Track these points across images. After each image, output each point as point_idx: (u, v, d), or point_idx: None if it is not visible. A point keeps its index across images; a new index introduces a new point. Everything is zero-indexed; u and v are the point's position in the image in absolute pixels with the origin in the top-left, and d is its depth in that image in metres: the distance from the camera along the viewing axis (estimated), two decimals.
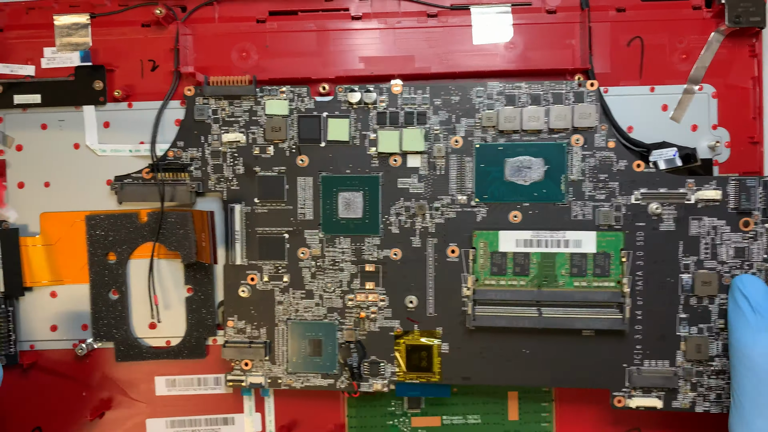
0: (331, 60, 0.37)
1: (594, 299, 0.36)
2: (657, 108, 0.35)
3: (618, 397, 0.36)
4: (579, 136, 0.36)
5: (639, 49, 0.35)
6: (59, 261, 0.38)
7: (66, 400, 0.39)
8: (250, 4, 0.38)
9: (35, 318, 0.39)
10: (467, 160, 0.36)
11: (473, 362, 0.37)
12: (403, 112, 0.37)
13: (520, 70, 0.36)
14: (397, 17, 0.37)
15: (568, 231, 0.36)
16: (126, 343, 0.39)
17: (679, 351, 0.36)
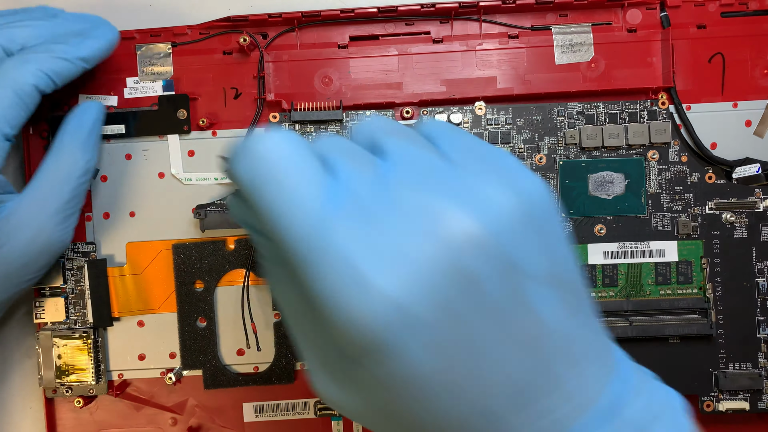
0: (413, 83, 0.39)
1: (679, 306, 0.38)
2: (740, 124, 0.39)
3: (707, 402, 0.38)
4: (655, 152, 0.39)
5: (720, 65, 0.38)
6: (146, 290, 0.40)
7: (155, 428, 0.40)
8: (330, 29, 0.40)
9: (123, 347, 0.40)
10: (551, 176, 0.39)
11: None
12: (487, 132, 0.39)
13: (603, 89, 0.38)
14: (478, 39, 0.39)
15: (651, 241, 0.38)
16: (214, 370, 0.40)
17: (760, 352, 0.38)
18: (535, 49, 0.40)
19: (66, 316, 0.40)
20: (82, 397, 0.40)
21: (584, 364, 0.22)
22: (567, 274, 0.22)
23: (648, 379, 0.24)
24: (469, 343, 0.20)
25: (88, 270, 0.39)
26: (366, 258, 0.19)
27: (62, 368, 0.40)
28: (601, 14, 0.40)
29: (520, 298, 0.20)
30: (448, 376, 0.20)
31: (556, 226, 0.22)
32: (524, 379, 0.21)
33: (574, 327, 0.22)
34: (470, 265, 0.19)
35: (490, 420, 0.21)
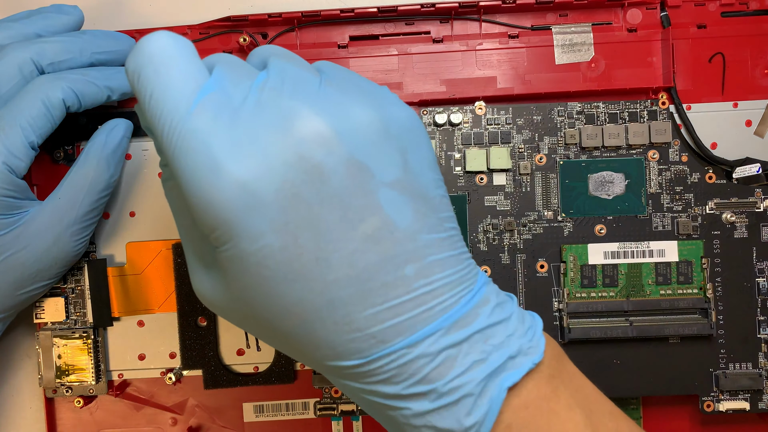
0: (413, 83, 0.39)
1: (680, 306, 0.38)
2: (741, 124, 0.39)
3: (707, 402, 0.38)
4: (655, 151, 0.39)
5: (721, 65, 0.38)
6: (146, 290, 0.40)
7: (155, 428, 0.40)
8: (330, 29, 0.40)
9: (123, 347, 0.41)
10: (551, 176, 0.39)
11: None
12: (487, 132, 0.39)
13: (603, 89, 0.38)
14: (478, 39, 0.39)
15: (651, 241, 0.39)
16: (214, 370, 0.40)
17: (760, 353, 0.39)
18: (535, 48, 0.40)
19: (66, 316, 0.40)
20: (82, 397, 0.40)
21: (437, 274, 0.23)
22: (423, 189, 0.24)
23: (509, 301, 0.26)
24: (313, 226, 0.22)
25: (88, 270, 0.40)
26: (222, 146, 0.22)
27: (62, 368, 0.40)
28: (602, 14, 0.40)
29: (364, 193, 0.22)
30: (296, 260, 0.22)
31: (418, 149, 0.25)
32: (370, 272, 0.22)
33: (427, 236, 0.23)
34: (315, 157, 0.22)
35: (339, 311, 0.23)
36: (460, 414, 0.23)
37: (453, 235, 0.25)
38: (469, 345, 0.23)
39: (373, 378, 0.24)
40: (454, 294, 0.24)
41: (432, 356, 0.23)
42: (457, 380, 0.23)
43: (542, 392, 0.24)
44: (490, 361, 0.23)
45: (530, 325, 0.26)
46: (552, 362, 0.25)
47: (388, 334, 0.23)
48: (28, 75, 0.34)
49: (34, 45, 0.34)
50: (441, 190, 0.25)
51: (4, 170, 0.33)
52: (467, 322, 0.24)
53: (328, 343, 0.23)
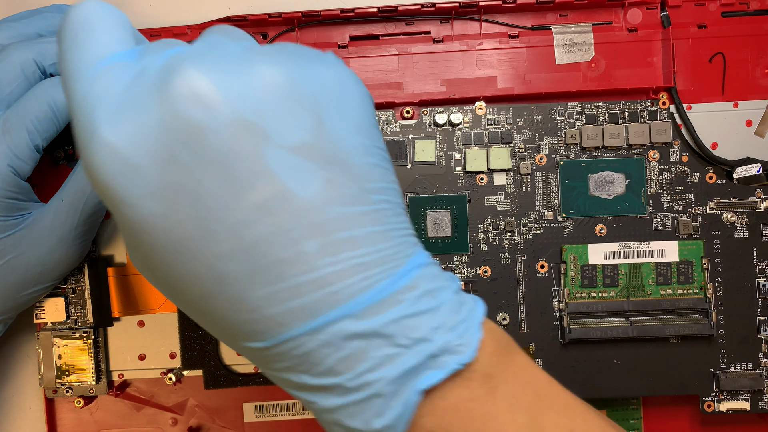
0: (413, 83, 0.40)
1: (680, 306, 0.39)
2: (741, 124, 0.39)
3: (708, 402, 0.39)
4: (655, 151, 0.39)
5: (721, 65, 0.39)
6: (146, 290, 0.40)
7: (155, 428, 0.41)
8: (331, 29, 0.40)
9: (123, 347, 0.41)
10: (552, 176, 0.39)
11: (566, 376, 0.39)
12: (487, 132, 0.39)
13: (603, 89, 0.39)
14: (479, 39, 0.39)
15: (651, 241, 0.39)
16: (214, 371, 0.40)
17: (761, 353, 0.39)
18: (535, 48, 0.40)
19: (66, 316, 0.40)
20: (83, 397, 0.40)
21: (347, 252, 0.21)
22: (343, 156, 0.21)
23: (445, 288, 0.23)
24: (193, 193, 0.20)
25: (88, 270, 0.40)
26: (104, 112, 0.20)
27: (62, 368, 0.40)
28: (602, 14, 0.40)
29: (255, 158, 0.20)
30: (178, 229, 0.20)
31: (343, 111, 0.22)
32: (262, 246, 0.20)
33: (341, 209, 0.21)
34: (192, 116, 0.20)
35: (230, 287, 0.21)
36: (369, 415, 0.21)
37: (382, 209, 0.22)
38: (383, 338, 0.21)
39: (278, 365, 0.22)
40: (368, 276, 0.21)
41: (338, 346, 0.21)
42: (366, 376, 0.21)
43: (475, 394, 0.22)
44: (405, 358, 0.21)
45: (465, 317, 0.23)
46: (492, 359, 0.23)
47: (286, 317, 0.21)
48: (30, 76, 0.34)
49: (36, 45, 0.35)
50: (372, 157, 0.23)
51: (8, 172, 0.33)
52: (383, 309, 0.21)
53: (226, 322, 0.22)
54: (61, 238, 0.35)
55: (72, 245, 0.36)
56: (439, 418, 0.22)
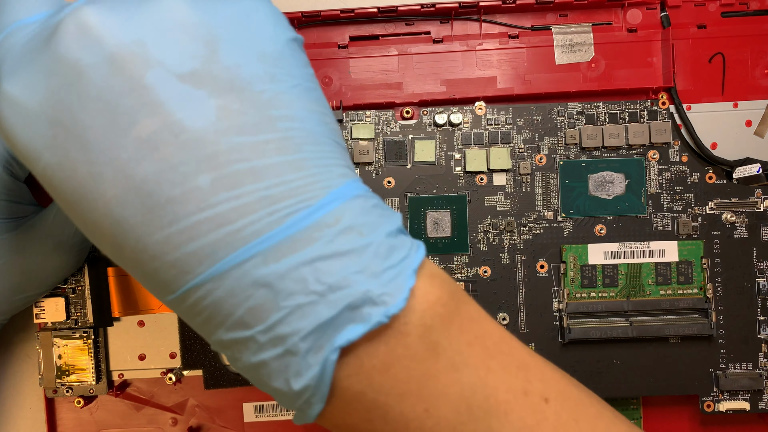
0: (413, 83, 0.40)
1: (680, 306, 0.39)
2: (741, 124, 0.39)
3: (707, 402, 0.39)
4: (655, 152, 0.39)
5: (721, 65, 0.39)
6: (146, 290, 0.40)
7: (155, 428, 0.41)
8: (330, 30, 0.40)
9: (123, 347, 0.41)
10: (551, 176, 0.39)
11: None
12: (487, 132, 0.39)
13: (603, 89, 0.39)
14: (478, 39, 0.39)
15: (651, 241, 0.39)
16: (214, 370, 0.40)
17: (760, 353, 0.39)
18: (535, 49, 0.40)
19: (66, 316, 0.40)
20: (83, 397, 0.41)
21: (248, 185, 0.19)
22: (240, 83, 0.20)
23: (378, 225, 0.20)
24: (79, 136, 0.19)
25: (88, 270, 0.40)
26: (6, 67, 0.20)
27: (62, 368, 0.40)
28: (602, 14, 0.40)
29: (138, 90, 0.19)
30: (72, 178, 0.20)
31: (241, 39, 0.20)
32: (150, 184, 0.19)
33: (239, 139, 0.19)
34: (73, 55, 0.19)
35: (130, 234, 0.19)
36: (288, 374, 0.19)
37: (290, 137, 0.20)
38: (295, 282, 0.18)
39: (196, 319, 0.20)
40: (275, 211, 0.19)
41: (245, 294, 0.19)
42: (279, 329, 0.19)
43: (412, 351, 0.20)
44: (319, 308, 0.18)
45: (395, 262, 0.20)
46: (433, 310, 0.20)
47: (188, 262, 0.19)
48: None
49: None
50: (280, 84, 0.20)
51: (3, 174, 0.33)
52: (294, 248, 0.18)
53: (141, 275, 0.20)
54: (59, 243, 0.35)
55: (70, 251, 0.36)
56: (368, 377, 0.19)
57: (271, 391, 0.20)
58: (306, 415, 0.20)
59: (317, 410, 0.20)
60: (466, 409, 0.20)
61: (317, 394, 0.19)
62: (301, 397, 0.19)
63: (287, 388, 0.19)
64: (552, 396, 0.21)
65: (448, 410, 0.20)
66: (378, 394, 0.20)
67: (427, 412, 0.20)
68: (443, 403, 0.20)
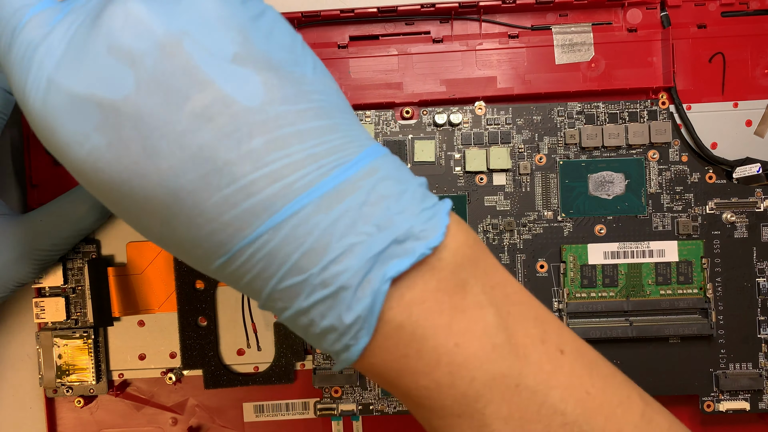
0: (413, 83, 0.40)
1: (680, 306, 0.39)
2: (741, 124, 0.39)
3: (707, 402, 0.39)
4: (655, 151, 0.39)
5: (721, 65, 0.39)
6: (146, 290, 0.40)
7: (155, 428, 0.41)
8: (330, 30, 0.40)
9: (124, 347, 0.41)
10: (551, 176, 0.39)
11: None
12: (487, 132, 0.39)
13: (603, 89, 0.39)
14: (478, 39, 0.39)
15: (651, 241, 0.39)
16: (214, 370, 0.41)
17: (760, 353, 0.39)
18: (535, 48, 0.40)
19: (66, 316, 0.40)
20: (83, 396, 0.41)
21: (296, 145, 0.21)
22: (275, 63, 0.22)
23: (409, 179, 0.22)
24: (133, 116, 0.20)
25: (88, 270, 0.40)
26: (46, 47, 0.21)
27: (63, 368, 0.40)
28: (602, 14, 0.40)
29: (188, 71, 0.20)
30: (125, 155, 0.21)
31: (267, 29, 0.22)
32: (206, 151, 0.20)
33: (281, 107, 0.21)
34: (125, 44, 0.21)
35: (187, 201, 0.21)
36: (341, 309, 0.21)
37: (323, 107, 0.22)
38: (346, 225, 0.20)
39: (247, 276, 0.21)
40: (322, 165, 0.21)
41: (300, 240, 0.20)
42: (332, 268, 0.20)
43: (443, 285, 0.21)
44: (369, 244, 0.20)
45: (431, 205, 0.22)
46: (462, 250, 0.22)
47: (245, 218, 0.20)
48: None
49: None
50: (302, 67, 0.23)
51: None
52: (341, 196, 0.21)
53: (193, 242, 0.21)
54: (22, 255, 0.36)
55: (31, 264, 0.37)
56: (408, 309, 0.21)
57: (319, 335, 0.22)
58: (350, 352, 0.21)
59: (363, 344, 0.21)
60: (491, 347, 0.21)
61: (365, 326, 0.21)
62: (350, 332, 0.21)
63: (339, 323, 0.21)
64: (567, 349, 0.23)
65: (475, 347, 0.21)
66: (415, 327, 0.21)
67: (457, 346, 0.21)
68: (470, 338, 0.21)
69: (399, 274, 0.21)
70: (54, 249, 0.37)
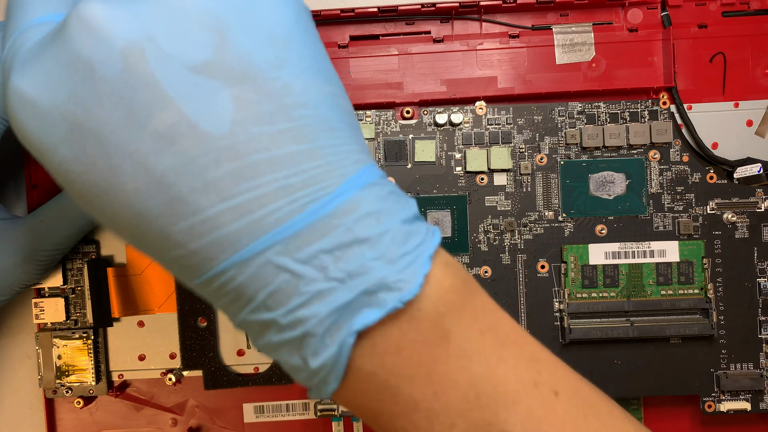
0: (413, 83, 0.40)
1: (680, 306, 0.39)
2: (742, 124, 0.39)
3: (708, 402, 0.39)
4: (656, 151, 0.39)
5: (722, 65, 0.39)
6: (146, 290, 0.40)
7: (155, 429, 0.41)
8: (331, 29, 0.40)
9: (123, 348, 0.41)
10: (552, 176, 0.39)
11: None
12: (488, 132, 0.39)
13: (604, 89, 0.39)
14: (479, 39, 0.39)
15: (652, 242, 0.39)
16: (214, 371, 0.40)
17: (761, 353, 0.39)
18: (535, 48, 0.40)
19: (66, 317, 0.40)
20: (82, 397, 0.41)
21: (267, 175, 0.19)
22: (253, 71, 0.20)
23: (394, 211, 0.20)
24: (96, 132, 0.19)
25: (88, 270, 0.40)
26: (16, 62, 0.20)
27: (62, 368, 0.40)
28: (602, 14, 0.40)
29: (151, 84, 0.19)
30: (91, 172, 0.20)
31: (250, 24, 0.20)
32: (171, 177, 0.19)
33: (256, 129, 0.19)
34: (85, 51, 0.19)
35: (153, 224, 0.20)
36: (306, 353, 0.20)
37: (305, 126, 0.20)
38: (315, 269, 0.19)
39: (220, 301, 0.21)
40: (294, 200, 0.19)
41: (268, 279, 0.19)
42: (299, 312, 0.19)
43: (423, 336, 0.20)
44: (338, 293, 0.19)
45: (411, 249, 0.20)
46: (446, 297, 0.21)
47: (212, 250, 0.19)
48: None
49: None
50: (291, 69, 0.20)
51: None
52: (314, 237, 0.19)
53: (165, 261, 0.21)
54: (27, 257, 0.36)
55: (36, 265, 0.36)
56: (380, 359, 0.20)
57: (290, 368, 0.21)
58: (321, 391, 0.21)
59: (332, 388, 0.21)
60: (475, 396, 0.20)
61: (333, 373, 0.20)
62: (317, 375, 0.20)
63: (305, 366, 0.20)
64: (562, 390, 0.21)
65: (457, 396, 0.20)
66: (389, 375, 0.20)
67: (435, 395, 0.20)
68: (452, 388, 0.20)
69: (369, 326, 0.20)
70: (57, 248, 0.37)
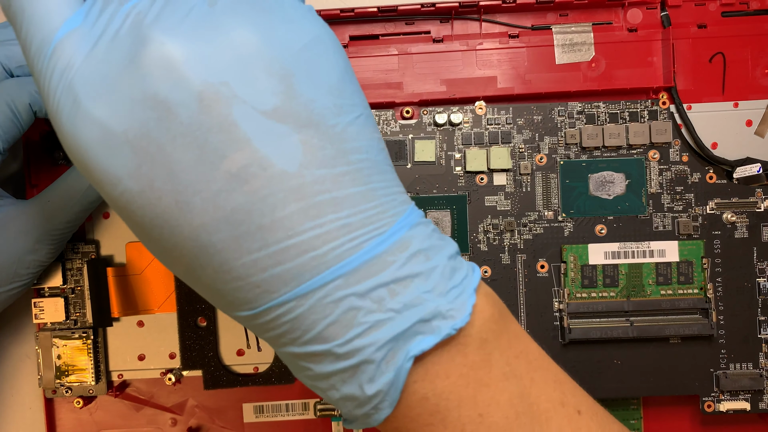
0: (413, 83, 0.40)
1: (680, 306, 0.39)
2: (741, 124, 0.39)
3: (708, 402, 0.39)
4: (655, 151, 0.39)
5: (721, 64, 0.39)
6: (146, 290, 0.40)
7: (155, 429, 0.41)
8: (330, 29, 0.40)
9: (123, 347, 0.41)
10: (552, 176, 0.39)
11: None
12: (487, 132, 0.39)
13: (603, 89, 0.39)
14: (479, 39, 0.40)
15: (651, 241, 0.39)
16: (214, 371, 0.41)
17: (761, 353, 0.39)
18: (535, 48, 0.40)
19: (66, 317, 0.40)
20: (82, 397, 0.41)
21: (330, 214, 0.20)
22: (316, 117, 0.21)
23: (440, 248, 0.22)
24: (167, 168, 0.20)
25: (87, 270, 0.40)
26: (85, 83, 0.20)
27: (62, 368, 0.40)
28: (602, 14, 0.41)
29: (225, 127, 0.20)
30: (156, 205, 0.20)
31: (312, 72, 0.21)
32: (240, 214, 0.20)
33: (319, 172, 0.21)
34: (161, 92, 0.20)
35: (215, 257, 0.20)
36: (362, 380, 0.21)
37: (361, 168, 0.21)
38: (373, 301, 0.21)
39: (271, 332, 0.22)
40: (354, 238, 0.21)
41: (326, 311, 0.20)
42: (356, 342, 0.21)
43: (469, 360, 0.22)
44: (395, 323, 0.21)
45: (458, 282, 0.22)
46: (488, 325, 0.22)
47: (273, 283, 0.20)
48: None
49: (2, 48, 0.35)
50: (346, 116, 0.22)
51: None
52: (372, 271, 0.21)
53: (215, 292, 0.22)
54: (40, 238, 0.36)
55: (50, 245, 0.36)
56: (432, 383, 0.21)
57: (338, 400, 0.22)
58: (372, 419, 0.22)
59: (385, 414, 0.22)
60: (515, 416, 0.22)
61: (387, 398, 0.21)
62: (371, 402, 0.21)
63: (360, 393, 0.21)
64: (583, 409, 0.24)
65: (499, 416, 0.22)
66: (439, 399, 0.22)
67: (480, 417, 0.22)
68: (495, 409, 0.22)
69: (425, 351, 0.21)
70: (68, 226, 0.37)
